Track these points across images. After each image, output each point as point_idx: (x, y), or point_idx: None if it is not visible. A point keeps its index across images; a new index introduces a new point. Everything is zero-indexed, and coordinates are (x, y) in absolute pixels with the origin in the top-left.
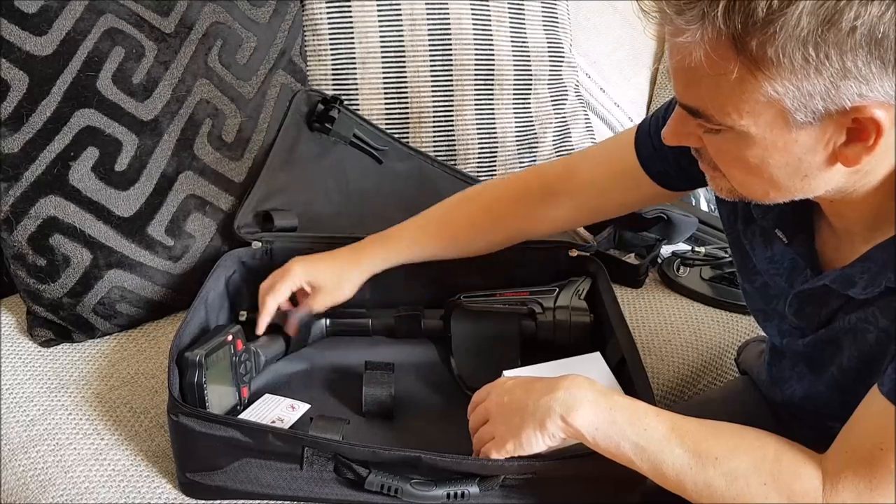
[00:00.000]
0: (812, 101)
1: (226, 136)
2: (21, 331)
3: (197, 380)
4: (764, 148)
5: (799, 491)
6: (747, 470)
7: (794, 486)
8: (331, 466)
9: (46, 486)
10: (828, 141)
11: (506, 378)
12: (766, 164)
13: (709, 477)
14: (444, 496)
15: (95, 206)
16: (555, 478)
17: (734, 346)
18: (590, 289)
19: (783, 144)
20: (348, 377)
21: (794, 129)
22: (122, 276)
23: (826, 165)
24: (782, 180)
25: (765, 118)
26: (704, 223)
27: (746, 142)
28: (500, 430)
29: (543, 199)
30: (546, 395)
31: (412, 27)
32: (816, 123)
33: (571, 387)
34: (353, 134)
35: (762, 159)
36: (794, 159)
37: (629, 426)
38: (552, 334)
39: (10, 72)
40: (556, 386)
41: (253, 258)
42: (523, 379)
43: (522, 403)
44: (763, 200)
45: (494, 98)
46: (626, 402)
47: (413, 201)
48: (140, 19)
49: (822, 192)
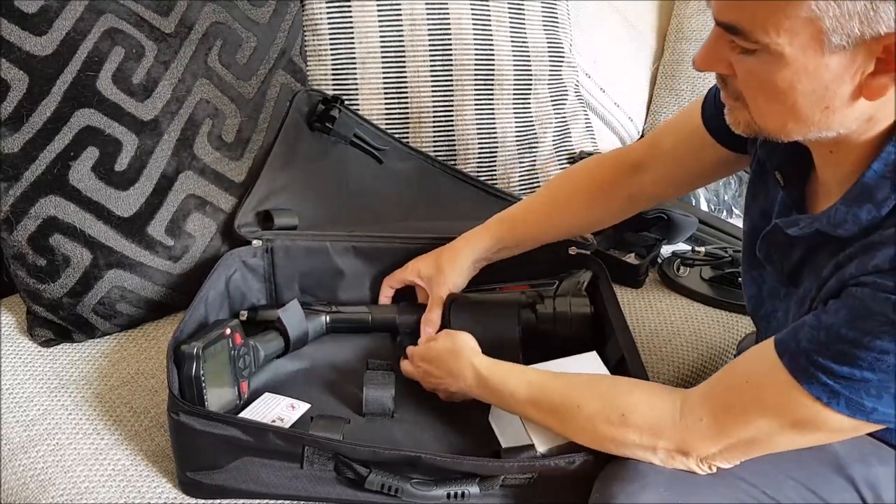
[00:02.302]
0: (849, 24)
1: (226, 136)
2: (21, 331)
3: (195, 372)
4: (794, 71)
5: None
6: (601, 409)
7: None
8: (331, 466)
9: (46, 486)
10: (856, 70)
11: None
12: (792, 90)
13: (577, 425)
14: (445, 496)
15: (95, 206)
16: (555, 478)
17: (734, 346)
18: (591, 287)
19: (814, 68)
20: (348, 377)
21: (827, 53)
22: (122, 276)
23: (849, 100)
24: (804, 110)
25: (801, 38)
26: (704, 223)
27: (778, 64)
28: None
29: (636, 171)
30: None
31: (412, 27)
32: (849, 49)
33: (465, 378)
34: (354, 134)
35: (790, 84)
36: (821, 86)
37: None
38: (552, 326)
39: (10, 72)
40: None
41: (253, 257)
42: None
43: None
44: (778, 135)
45: (494, 98)
46: (501, 377)
47: (413, 201)
48: (140, 19)
49: (835, 131)
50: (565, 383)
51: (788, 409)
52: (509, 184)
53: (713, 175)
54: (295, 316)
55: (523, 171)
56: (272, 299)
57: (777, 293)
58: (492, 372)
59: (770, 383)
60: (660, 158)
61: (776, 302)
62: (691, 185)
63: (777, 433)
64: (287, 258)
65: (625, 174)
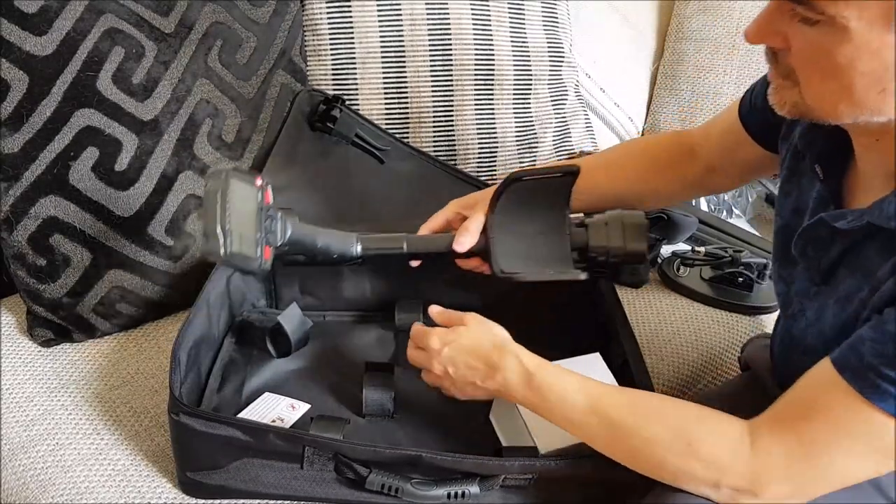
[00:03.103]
0: None
1: (226, 136)
2: (21, 331)
3: (221, 191)
4: (856, 48)
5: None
6: (665, 435)
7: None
8: (331, 466)
9: (46, 486)
10: None
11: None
12: (851, 68)
13: (631, 446)
14: (445, 496)
15: (95, 206)
16: (555, 478)
17: (734, 346)
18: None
19: (877, 47)
20: (348, 377)
21: (893, 32)
22: (122, 276)
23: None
24: (860, 90)
25: (870, 14)
26: (704, 223)
27: (841, 38)
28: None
29: (692, 156)
30: (488, 378)
31: (412, 27)
32: None
33: (506, 370)
34: (355, 134)
35: (850, 60)
36: (882, 67)
37: (557, 403)
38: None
39: (10, 72)
40: (493, 369)
41: None
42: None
43: (468, 379)
44: (827, 117)
45: (494, 98)
46: (553, 379)
47: (414, 201)
48: (140, 19)
49: (886, 116)
50: (630, 400)
51: (860, 429)
52: None
53: (749, 173)
54: (295, 318)
55: None
56: (272, 299)
57: (807, 292)
58: (542, 370)
59: (836, 405)
60: (709, 148)
61: (805, 300)
62: (732, 180)
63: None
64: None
65: (681, 155)
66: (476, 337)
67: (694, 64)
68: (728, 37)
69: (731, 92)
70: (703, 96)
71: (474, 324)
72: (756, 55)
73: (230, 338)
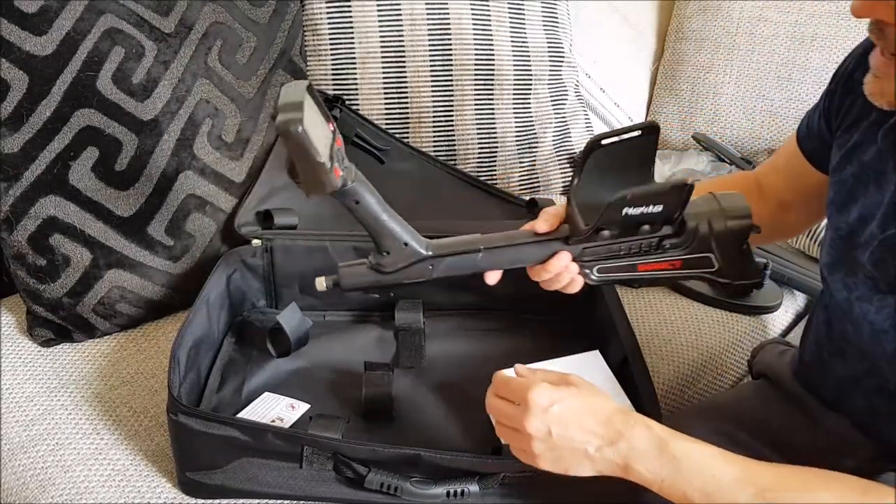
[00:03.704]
0: None
1: (226, 136)
2: (21, 331)
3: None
4: None
5: None
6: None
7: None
8: (330, 465)
9: (46, 486)
10: None
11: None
12: None
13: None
14: (444, 494)
15: (95, 206)
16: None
17: (734, 346)
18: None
19: None
20: (348, 377)
21: None
22: (122, 276)
23: None
24: None
25: None
26: None
27: None
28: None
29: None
30: (607, 445)
31: (412, 27)
32: None
33: (633, 437)
34: (355, 134)
35: None
36: None
37: (697, 474)
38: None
39: (10, 72)
40: (616, 435)
41: (252, 256)
42: (573, 411)
43: (577, 446)
44: None
45: (494, 98)
46: (690, 446)
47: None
48: (140, 19)
49: None
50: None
51: None
52: (509, 184)
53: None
54: (294, 318)
55: (523, 170)
56: (272, 299)
57: (869, 299)
58: (678, 437)
59: None
60: (776, 181)
61: (866, 305)
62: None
63: None
64: (287, 258)
65: (749, 191)
66: (592, 400)
67: (694, 64)
68: (728, 37)
69: (731, 92)
70: (703, 96)
71: (586, 385)
72: (756, 55)
73: (230, 338)
